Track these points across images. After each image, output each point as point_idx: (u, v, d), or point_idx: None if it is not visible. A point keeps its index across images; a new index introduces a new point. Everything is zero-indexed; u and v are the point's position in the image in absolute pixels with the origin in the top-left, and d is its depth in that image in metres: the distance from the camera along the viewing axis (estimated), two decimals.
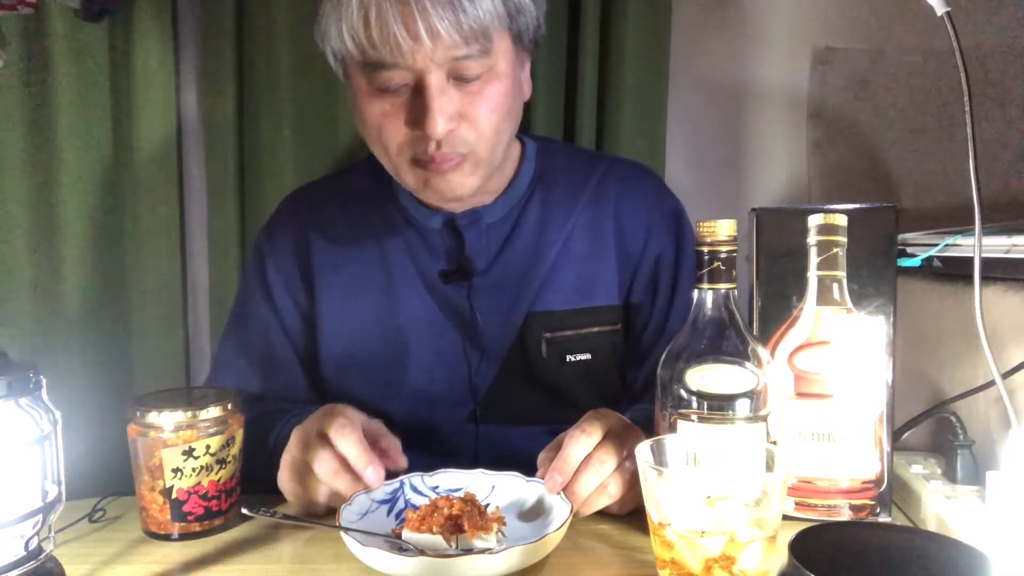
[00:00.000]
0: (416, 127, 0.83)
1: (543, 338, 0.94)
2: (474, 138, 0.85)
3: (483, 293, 0.95)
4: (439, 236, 0.96)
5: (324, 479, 0.74)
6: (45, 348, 1.24)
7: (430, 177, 0.87)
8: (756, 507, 0.57)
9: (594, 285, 0.96)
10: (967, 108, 0.65)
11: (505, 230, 0.97)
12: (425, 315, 0.96)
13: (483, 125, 0.85)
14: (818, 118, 1.28)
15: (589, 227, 0.97)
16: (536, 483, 0.77)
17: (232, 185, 1.27)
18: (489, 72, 0.84)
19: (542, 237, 0.97)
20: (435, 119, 0.81)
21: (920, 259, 0.84)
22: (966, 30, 0.67)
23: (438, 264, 0.97)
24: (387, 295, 0.97)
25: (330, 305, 0.99)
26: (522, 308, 0.95)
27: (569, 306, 0.95)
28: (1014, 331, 0.73)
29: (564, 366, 0.95)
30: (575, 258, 0.96)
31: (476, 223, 0.95)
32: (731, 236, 0.67)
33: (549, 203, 0.98)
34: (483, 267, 0.96)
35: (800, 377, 0.74)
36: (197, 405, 0.74)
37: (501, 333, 0.95)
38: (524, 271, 0.96)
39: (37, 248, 1.25)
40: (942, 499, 0.73)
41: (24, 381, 0.57)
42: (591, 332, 0.95)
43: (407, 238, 0.98)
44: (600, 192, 0.99)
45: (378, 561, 0.63)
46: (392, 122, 0.84)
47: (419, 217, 0.98)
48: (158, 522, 0.74)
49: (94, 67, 1.23)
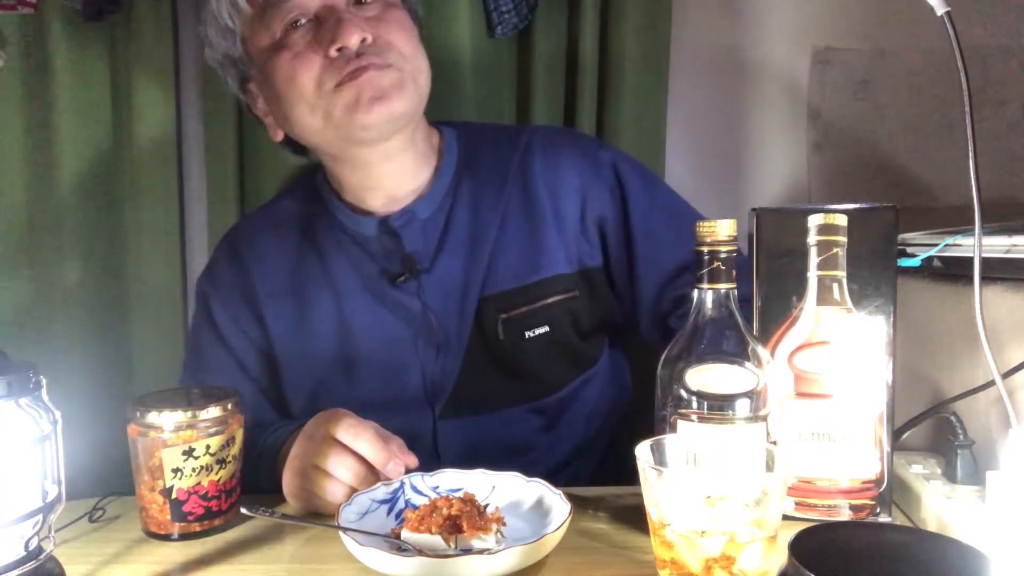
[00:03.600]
0: (331, 46, 0.86)
1: (499, 319, 0.93)
2: (392, 51, 0.88)
3: (432, 289, 0.95)
4: (376, 241, 0.96)
5: (347, 480, 0.75)
6: (45, 348, 1.24)
7: (360, 91, 0.86)
8: (756, 507, 0.57)
9: (539, 258, 0.95)
10: (967, 108, 0.65)
11: (440, 222, 0.96)
12: (378, 323, 0.96)
13: (395, 38, 0.89)
14: (818, 118, 1.28)
15: (521, 203, 0.96)
16: (536, 483, 0.77)
17: (232, 185, 1.27)
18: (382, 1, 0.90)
19: (477, 222, 0.96)
20: (347, 27, 0.85)
21: (920, 259, 0.84)
22: (966, 30, 0.67)
23: (381, 269, 0.96)
24: (337, 309, 0.97)
25: (282, 332, 0.98)
26: (473, 296, 0.94)
27: (518, 283, 0.94)
28: (1014, 331, 0.73)
29: (524, 343, 0.94)
30: (515, 235, 0.95)
31: (411, 221, 0.96)
32: (731, 236, 0.67)
33: (478, 186, 0.97)
34: (427, 264, 0.95)
35: (800, 377, 0.74)
36: (197, 405, 0.74)
37: (458, 325, 0.95)
38: (468, 259, 0.95)
39: (37, 248, 1.25)
40: (942, 499, 0.73)
41: (24, 381, 0.57)
42: (545, 304, 0.94)
43: (347, 250, 0.98)
44: (525, 164, 0.98)
45: (377, 561, 0.63)
46: (303, 58, 0.87)
47: (354, 226, 0.98)
48: (158, 522, 0.74)
49: (94, 67, 1.23)
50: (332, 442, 0.76)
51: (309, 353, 0.97)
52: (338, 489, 0.76)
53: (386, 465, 0.76)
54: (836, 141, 1.27)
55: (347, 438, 0.76)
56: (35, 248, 1.25)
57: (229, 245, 1.05)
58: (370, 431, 0.77)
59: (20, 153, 1.23)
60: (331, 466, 0.76)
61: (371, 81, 0.86)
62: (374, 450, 0.76)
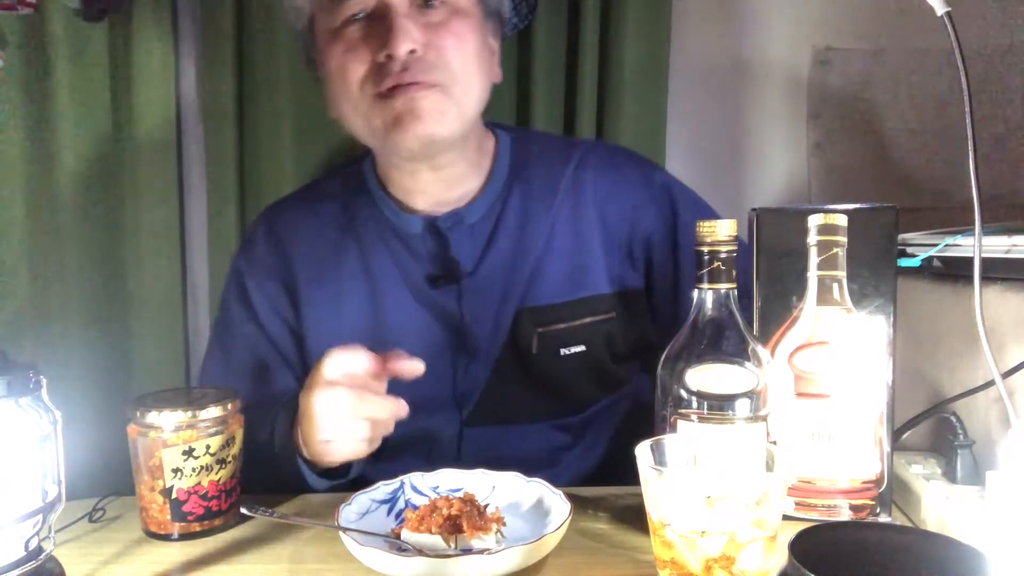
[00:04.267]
0: (381, 50, 0.82)
1: (535, 333, 0.92)
2: (441, 66, 0.84)
3: (471, 295, 0.94)
4: (421, 240, 0.95)
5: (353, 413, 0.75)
6: (45, 348, 1.25)
7: (399, 110, 0.84)
8: (756, 507, 0.57)
9: (583, 275, 0.94)
10: (967, 108, 0.65)
11: (487, 228, 0.95)
12: (412, 322, 0.94)
13: (448, 54, 0.85)
14: (818, 118, 1.28)
15: (571, 217, 0.95)
16: (536, 483, 0.77)
17: (232, 185, 1.27)
18: (455, 10, 0.86)
19: (525, 232, 0.95)
20: (398, 35, 0.81)
21: (920, 259, 0.84)
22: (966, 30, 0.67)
23: (423, 269, 0.95)
24: (372, 304, 0.96)
25: (316, 318, 0.97)
26: (512, 306, 0.93)
27: (559, 299, 0.93)
28: (1014, 331, 0.73)
29: (558, 360, 0.93)
30: (561, 250, 0.94)
31: (458, 224, 0.94)
32: (731, 236, 0.67)
33: (529, 196, 0.96)
34: (470, 268, 0.94)
35: (800, 377, 0.74)
36: (197, 405, 0.74)
37: (492, 333, 0.94)
38: (510, 269, 0.94)
39: (37, 248, 1.25)
40: (942, 499, 0.73)
41: (24, 381, 0.57)
42: (584, 323, 0.93)
43: (390, 245, 0.96)
44: (578, 179, 0.97)
45: (376, 561, 0.63)
46: (354, 55, 0.85)
47: (400, 223, 0.96)
48: (158, 522, 0.74)
49: (94, 67, 1.23)
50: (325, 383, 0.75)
51: (339, 342, 0.96)
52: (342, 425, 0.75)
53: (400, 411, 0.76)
54: (836, 141, 1.27)
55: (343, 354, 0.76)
56: (35, 248, 1.25)
57: (268, 226, 1.02)
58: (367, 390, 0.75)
59: (20, 153, 1.23)
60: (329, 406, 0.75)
61: (410, 103, 0.84)
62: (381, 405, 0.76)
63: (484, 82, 0.90)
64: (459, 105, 0.87)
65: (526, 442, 0.94)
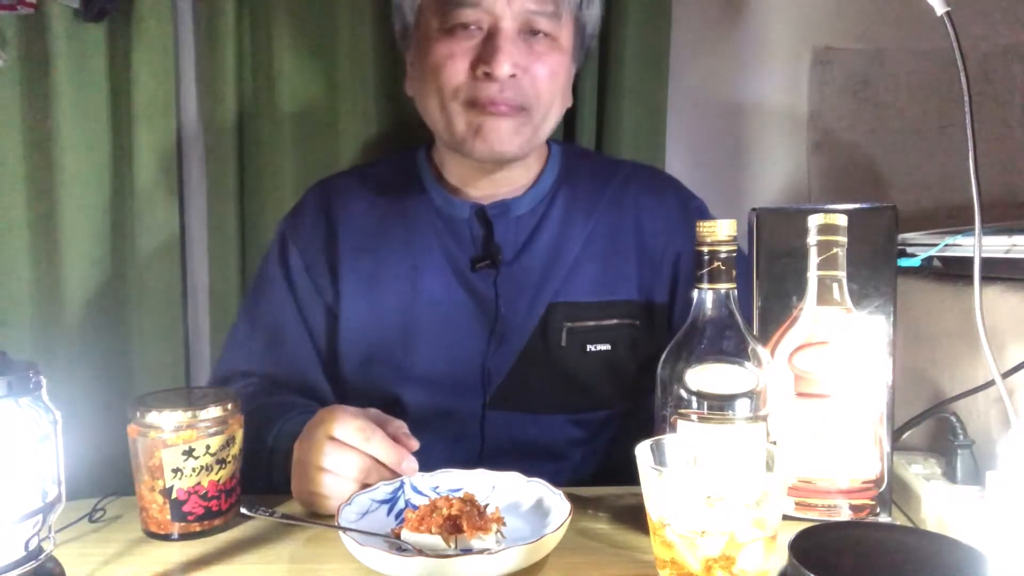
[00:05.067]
0: (482, 65, 0.89)
1: (564, 327, 0.97)
2: (532, 94, 0.91)
3: (508, 282, 0.98)
4: (467, 226, 0.99)
5: (353, 477, 0.75)
6: (45, 348, 1.24)
7: (483, 124, 0.91)
8: (756, 507, 0.57)
9: (615, 280, 0.99)
10: (967, 108, 0.65)
11: (532, 223, 1.00)
12: (448, 301, 0.98)
13: (541, 84, 0.92)
14: (818, 118, 1.28)
15: (610, 226, 1.01)
16: (536, 483, 0.77)
17: (232, 186, 1.26)
18: (553, 41, 0.93)
19: (565, 233, 1.00)
20: (501, 58, 0.88)
21: (920, 259, 0.84)
22: (966, 30, 0.67)
23: (465, 252, 0.99)
24: (410, 281, 0.99)
25: (352, 289, 1.00)
26: (544, 299, 0.97)
27: (591, 298, 0.98)
28: (1014, 331, 0.73)
29: (584, 356, 0.97)
30: (597, 254, 0.99)
31: (505, 214, 0.99)
32: (731, 236, 0.67)
33: (572, 203, 1.02)
34: (510, 257, 0.98)
35: (800, 377, 0.74)
36: (197, 405, 0.74)
37: (522, 322, 0.97)
38: (548, 263, 0.98)
39: (37, 248, 1.25)
40: (942, 499, 0.73)
41: (24, 381, 0.57)
42: (611, 324, 0.98)
43: (435, 227, 1.00)
44: (621, 194, 1.03)
45: (376, 561, 0.63)
46: (455, 63, 0.90)
47: (448, 208, 1.01)
48: (158, 522, 0.74)
49: (94, 67, 1.23)
50: (332, 441, 0.76)
51: (374, 317, 0.99)
52: (345, 487, 0.76)
53: (400, 464, 0.77)
54: (836, 141, 1.27)
55: (356, 441, 0.76)
56: (35, 248, 1.25)
57: (319, 195, 1.06)
58: (378, 432, 0.77)
59: (20, 153, 1.22)
60: (335, 466, 0.75)
61: (494, 121, 0.90)
62: (387, 450, 0.76)
63: (561, 109, 0.98)
64: (536, 130, 0.94)
65: (544, 431, 0.98)
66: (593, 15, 0.99)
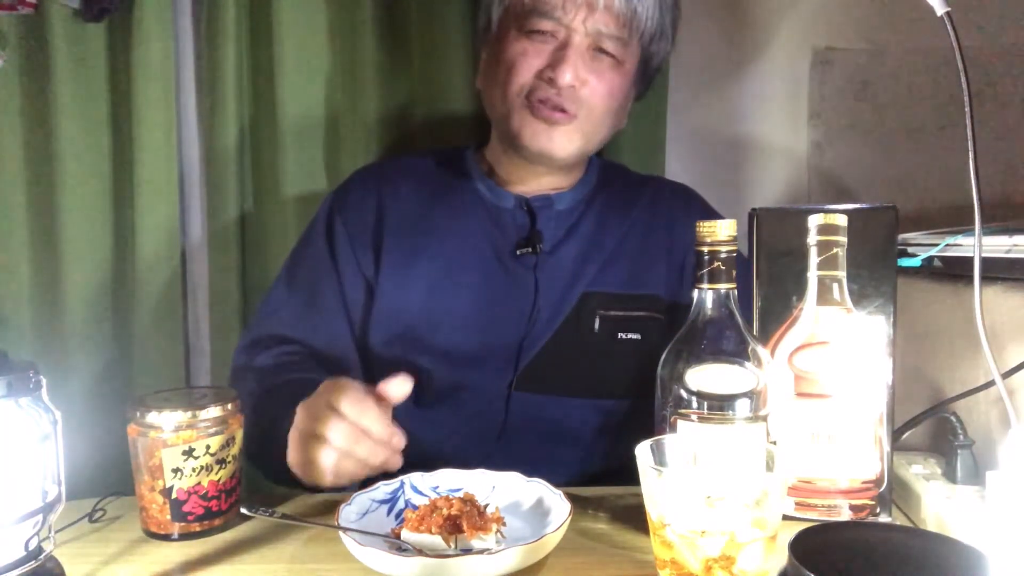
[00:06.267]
0: (548, 70, 0.95)
1: (598, 314, 1.01)
2: (588, 106, 0.97)
3: (546, 269, 1.02)
4: (512, 215, 1.04)
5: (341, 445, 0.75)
6: (45, 348, 1.25)
7: (537, 125, 0.97)
8: (756, 507, 0.57)
9: (646, 275, 1.04)
10: (967, 108, 0.65)
11: (571, 219, 1.05)
12: (486, 283, 1.01)
13: (598, 99, 0.98)
14: (818, 118, 1.28)
15: (644, 228, 1.07)
16: (536, 483, 0.77)
17: (232, 185, 1.27)
18: (618, 64, 0.98)
19: (602, 230, 1.05)
20: (567, 68, 0.94)
21: (920, 259, 0.84)
22: (966, 30, 0.67)
23: (508, 239, 1.03)
24: (449, 261, 1.02)
25: (393, 266, 1.03)
26: (579, 288, 1.01)
27: (623, 290, 1.03)
28: (1014, 331, 0.73)
29: (615, 343, 1.00)
30: (630, 251, 1.05)
31: (548, 207, 1.04)
32: (731, 236, 0.67)
33: (608, 207, 1.07)
34: (549, 247, 1.02)
35: (800, 377, 0.74)
36: (197, 405, 0.74)
37: (558, 304, 1.01)
38: (584, 256, 1.03)
39: (37, 248, 1.25)
40: (942, 499, 0.73)
41: (24, 381, 0.57)
42: (641, 315, 1.02)
43: (479, 214, 1.05)
44: (654, 203, 1.09)
45: (376, 561, 0.63)
46: (526, 62, 0.97)
47: (494, 197, 1.06)
48: (158, 522, 0.74)
49: (94, 67, 1.23)
50: (331, 411, 0.76)
51: (411, 295, 1.01)
52: (332, 455, 0.75)
53: (390, 439, 0.76)
54: (836, 141, 1.27)
55: (351, 412, 0.75)
56: (35, 248, 1.25)
57: (368, 174, 1.11)
58: (374, 408, 0.76)
59: (20, 153, 1.22)
60: (331, 433, 0.75)
61: (548, 124, 0.97)
62: (379, 424, 0.76)
63: (613, 127, 1.04)
64: (586, 140, 1.00)
65: (568, 415, 1.00)
66: (662, 50, 1.05)
